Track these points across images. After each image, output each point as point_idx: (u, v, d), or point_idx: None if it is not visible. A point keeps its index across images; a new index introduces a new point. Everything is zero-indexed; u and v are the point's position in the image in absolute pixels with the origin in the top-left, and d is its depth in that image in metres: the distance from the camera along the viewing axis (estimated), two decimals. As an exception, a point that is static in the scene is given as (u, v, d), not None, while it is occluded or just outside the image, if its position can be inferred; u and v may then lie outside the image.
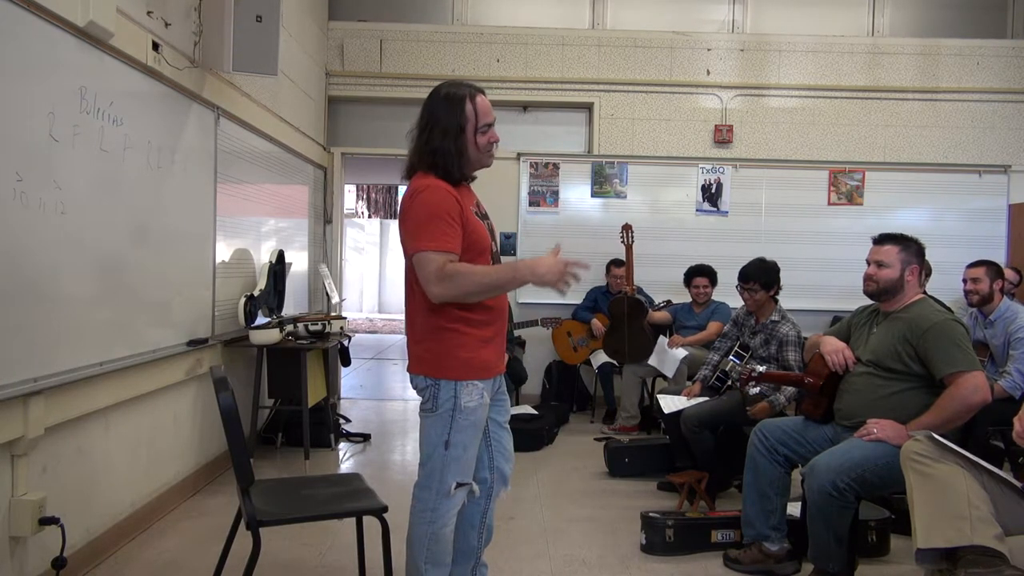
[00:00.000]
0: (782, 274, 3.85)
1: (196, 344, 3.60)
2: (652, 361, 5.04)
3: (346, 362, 4.97)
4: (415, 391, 2.22)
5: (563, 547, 3.15)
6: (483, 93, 2.20)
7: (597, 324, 5.57)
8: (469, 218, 2.16)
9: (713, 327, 4.94)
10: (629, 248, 5.46)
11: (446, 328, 2.13)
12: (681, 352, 4.85)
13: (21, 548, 2.44)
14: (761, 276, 3.75)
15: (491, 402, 2.25)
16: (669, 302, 5.42)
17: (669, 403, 3.85)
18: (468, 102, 2.14)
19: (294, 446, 4.54)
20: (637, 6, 6.36)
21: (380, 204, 17.65)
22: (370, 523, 2.32)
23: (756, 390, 3.42)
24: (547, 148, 6.23)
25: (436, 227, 2.05)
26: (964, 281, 3.96)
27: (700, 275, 5.17)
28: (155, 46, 3.10)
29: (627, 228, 5.50)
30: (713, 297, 5.21)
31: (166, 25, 3.26)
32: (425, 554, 2.20)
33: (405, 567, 2.25)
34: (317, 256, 5.93)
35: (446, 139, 2.12)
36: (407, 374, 2.25)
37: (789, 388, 3.48)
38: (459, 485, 2.20)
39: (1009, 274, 4.69)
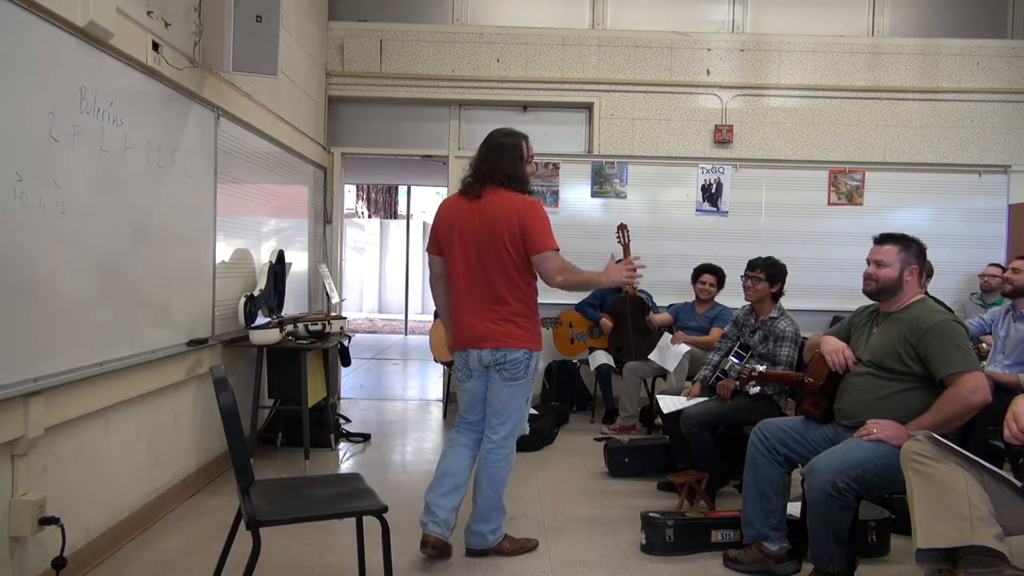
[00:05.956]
0: (782, 274, 3.87)
1: (196, 344, 3.60)
2: (653, 356, 5.02)
3: (346, 362, 4.97)
4: (496, 364, 2.84)
5: (563, 547, 3.15)
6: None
7: (606, 323, 5.55)
8: None
9: (716, 332, 4.94)
10: (626, 247, 5.47)
11: (533, 311, 2.90)
12: (683, 347, 4.86)
13: (21, 548, 2.44)
14: (768, 267, 3.81)
15: None
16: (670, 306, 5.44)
17: (669, 403, 3.85)
18: (524, 142, 2.94)
19: (294, 446, 4.54)
20: (637, 6, 6.36)
21: (380, 204, 17.65)
22: (370, 523, 2.32)
23: (756, 390, 3.41)
24: (547, 148, 6.22)
25: (553, 233, 2.82)
26: (1003, 269, 3.96)
27: (708, 272, 5.19)
28: (155, 46, 3.10)
29: (623, 228, 5.53)
30: (716, 299, 5.22)
31: (166, 25, 3.27)
32: (505, 489, 2.92)
33: (479, 513, 2.91)
34: (317, 256, 5.93)
35: (518, 164, 2.89)
36: (498, 350, 2.83)
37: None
38: None
39: None
